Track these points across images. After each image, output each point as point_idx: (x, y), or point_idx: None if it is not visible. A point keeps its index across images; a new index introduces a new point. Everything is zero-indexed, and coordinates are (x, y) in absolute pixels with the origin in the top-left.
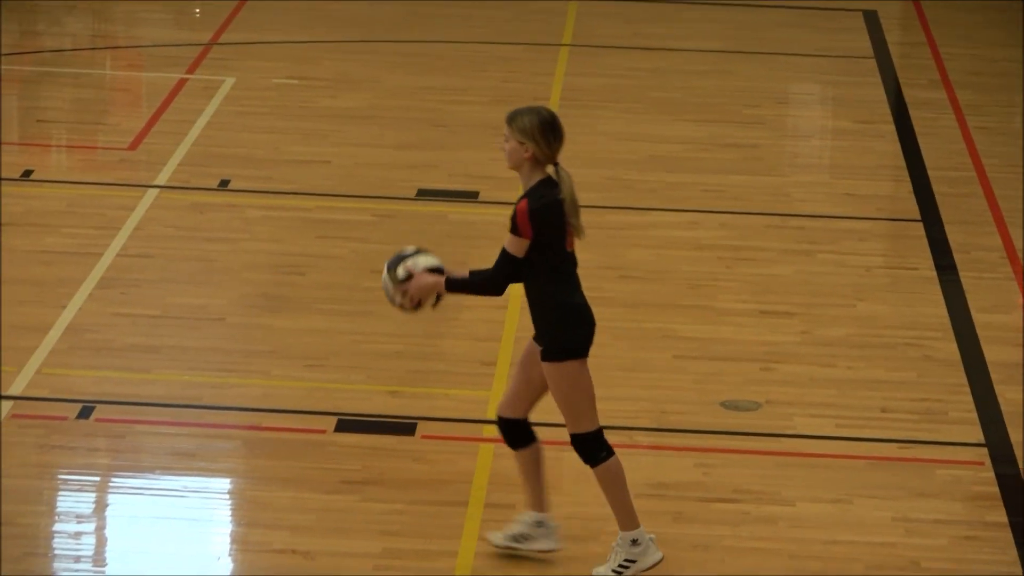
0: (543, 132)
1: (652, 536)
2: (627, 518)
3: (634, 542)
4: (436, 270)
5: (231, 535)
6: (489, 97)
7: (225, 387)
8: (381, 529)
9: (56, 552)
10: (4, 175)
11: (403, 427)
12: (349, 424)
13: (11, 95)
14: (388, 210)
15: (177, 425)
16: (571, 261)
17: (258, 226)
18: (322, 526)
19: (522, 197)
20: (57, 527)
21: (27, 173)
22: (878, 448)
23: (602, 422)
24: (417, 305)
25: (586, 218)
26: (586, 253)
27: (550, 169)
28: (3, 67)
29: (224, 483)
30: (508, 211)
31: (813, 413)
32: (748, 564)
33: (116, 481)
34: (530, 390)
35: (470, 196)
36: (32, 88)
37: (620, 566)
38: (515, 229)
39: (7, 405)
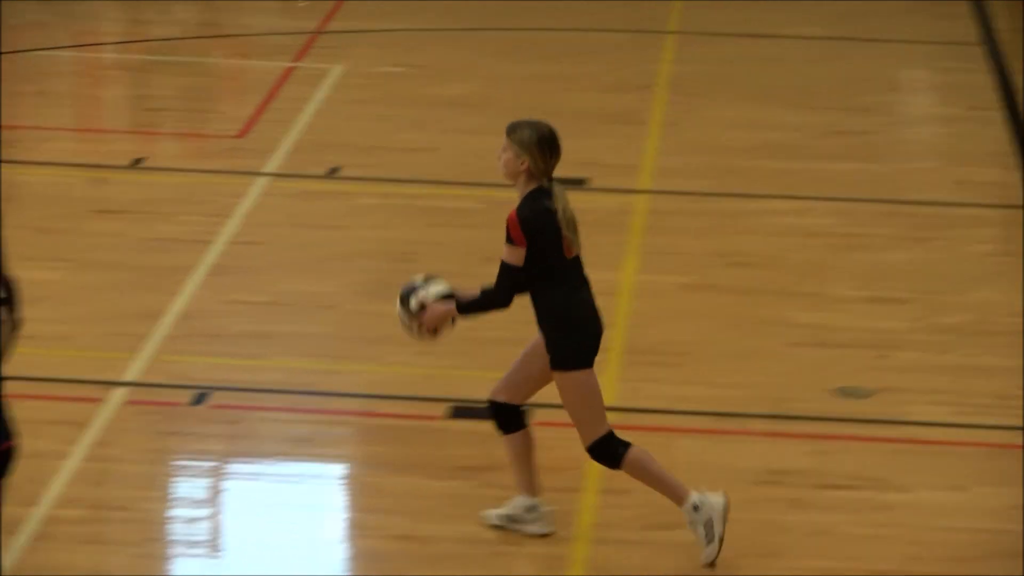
0: (540, 147)
1: (702, 493)
2: (676, 493)
3: (695, 508)
4: (447, 296)
5: (347, 521)
6: (596, 85)
7: (338, 373)
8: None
9: (172, 538)
10: (115, 163)
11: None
12: (463, 411)
13: (121, 83)
14: (496, 197)
15: (291, 411)
16: (573, 267)
17: (368, 213)
18: (439, 512)
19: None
20: (173, 512)
21: (138, 161)
22: (995, 435)
23: (717, 408)
24: (434, 331)
25: (696, 204)
26: (697, 240)
27: (547, 183)
28: (114, 55)
29: (339, 469)
30: (617, 198)
31: (929, 400)
32: (865, 550)
33: (231, 467)
34: (528, 383)
35: (578, 183)
36: (142, 76)
37: (708, 535)
38: (509, 239)
39: (123, 391)
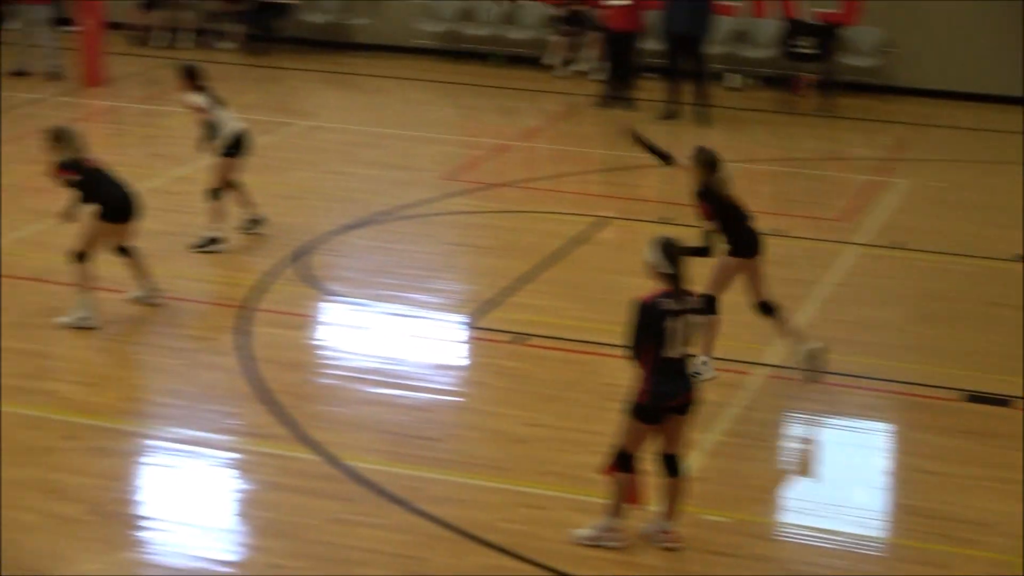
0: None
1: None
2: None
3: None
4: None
5: (890, 461)
6: None
7: (890, 368)
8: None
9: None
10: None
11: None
12: (975, 397)
13: (765, 185)
14: (960, 263)
15: (855, 388)
16: None
17: (916, 270)
18: (939, 455)
19: None
20: (789, 432)
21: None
22: None
23: None
24: None
25: None
26: None
27: None
28: (765, 167)
29: (883, 427)
30: None
31: None
32: None
33: (812, 421)
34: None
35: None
36: (783, 180)
37: (806, 360)
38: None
39: (764, 369)
